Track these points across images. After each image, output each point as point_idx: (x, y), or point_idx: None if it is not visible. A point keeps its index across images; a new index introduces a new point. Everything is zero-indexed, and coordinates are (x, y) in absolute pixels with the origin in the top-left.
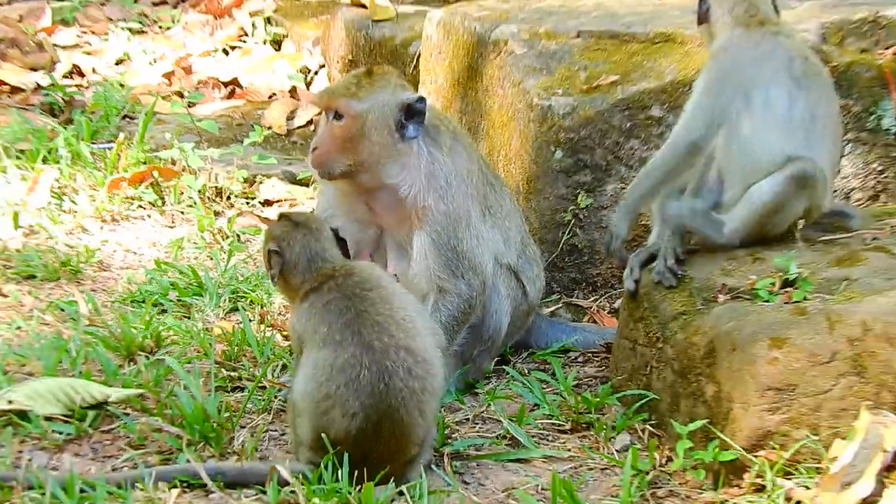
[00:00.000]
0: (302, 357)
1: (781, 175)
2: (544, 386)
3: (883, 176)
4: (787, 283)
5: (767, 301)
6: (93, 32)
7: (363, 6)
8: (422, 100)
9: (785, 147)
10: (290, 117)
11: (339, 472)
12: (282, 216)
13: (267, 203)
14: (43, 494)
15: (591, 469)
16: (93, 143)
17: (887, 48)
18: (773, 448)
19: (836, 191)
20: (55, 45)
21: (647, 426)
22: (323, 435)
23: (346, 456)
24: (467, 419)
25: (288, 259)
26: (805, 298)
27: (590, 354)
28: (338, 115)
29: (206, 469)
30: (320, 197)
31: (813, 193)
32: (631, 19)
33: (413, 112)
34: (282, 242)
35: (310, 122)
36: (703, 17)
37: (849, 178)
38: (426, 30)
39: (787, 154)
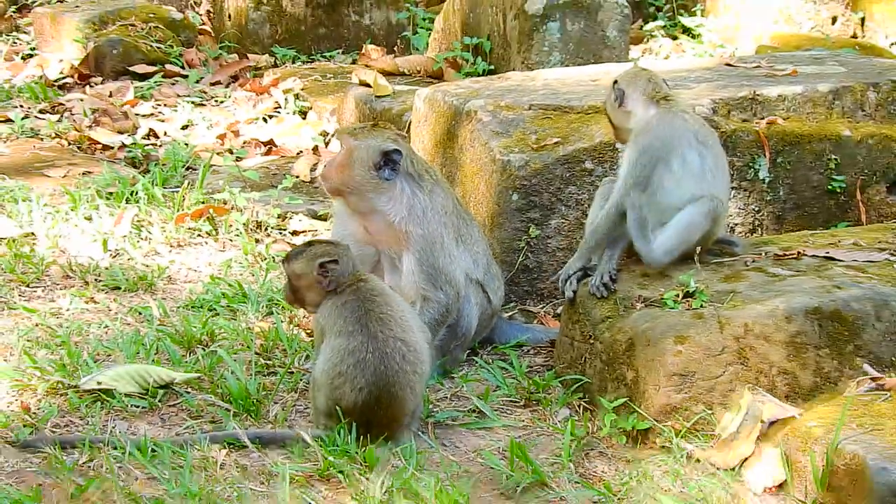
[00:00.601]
0: (322, 345)
1: (700, 208)
2: (504, 372)
3: (759, 214)
4: (688, 295)
5: (673, 308)
6: (165, 105)
7: (368, 86)
8: (397, 152)
9: (695, 190)
10: (313, 169)
11: (349, 436)
12: (310, 242)
13: (295, 233)
14: (122, 453)
15: (539, 435)
16: (164, 188)
17: (762, 118)
18: (678, 419)
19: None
20: (137, 114)
21: (582, 402)
22: (337, 407)
23: (353, 423)
24: (446, 397)
25: (340, 269)
26: (702, 306)
27: (539, 348)
28: (342, 146)
29: (248, 434)
30: (335, 225)
31: (717, 223)
32: (570, 96)
33: (389, 159)
34: (337, 257)
35: None
36: (621, 100)
37: (733, 215)
38: (416, 103)
39: (696, 195)
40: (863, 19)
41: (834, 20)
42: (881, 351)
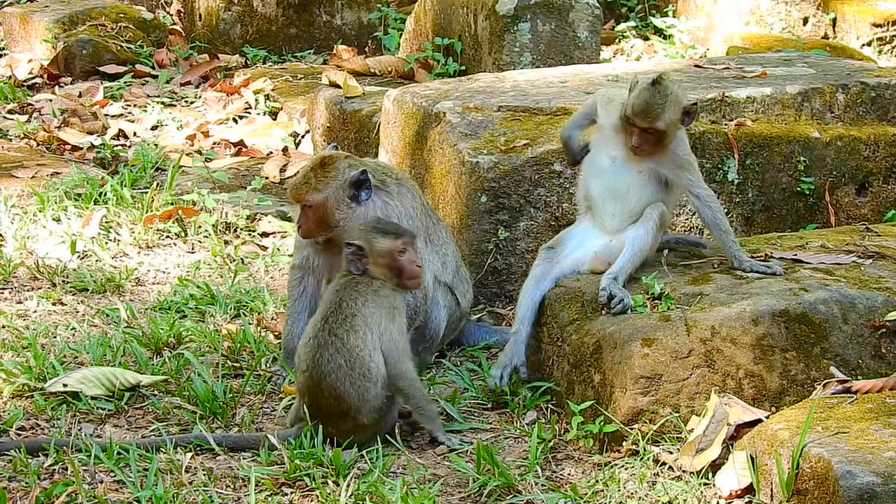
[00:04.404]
0: None
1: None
2: (472, 375)
3: (728, 216)
4: (655, 297)
5: (641, 310)
6: (135, 105)
7: (338, 87)
8: (364, 172)
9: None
10: (283, 170)
11: (315, 440)
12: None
13: (265, 234)
14: (88, 456)
15: (507, 438)
16: (133, 189)
17: (731, 120)
18: (645, 422)
19: (693, 227)
20: (106, 115)
21: (550, 405)
22: (304, 408)
23: (316, 424)
24: None
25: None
26: (669, 308)
27: None
28: (305, 206)
29: (214, 437)
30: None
31: None
32: (539, 97)
33: (361, 183)
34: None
35: (297, 173)
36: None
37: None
38: (385, 104)
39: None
40: (834, 20)
41: (805, 21)
42: (848, 353)
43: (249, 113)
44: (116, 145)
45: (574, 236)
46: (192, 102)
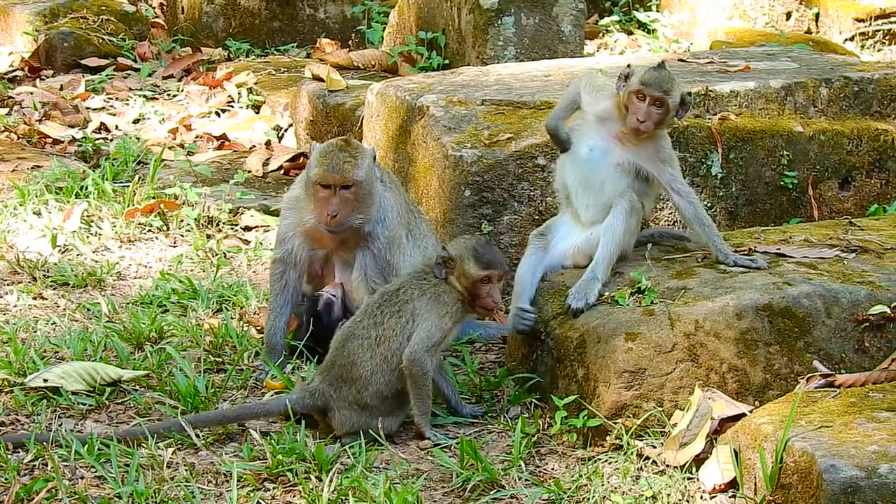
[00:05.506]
0: None
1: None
2: (456, 369)
3: (712, 210)
4: (638, 291)
5: (624, 305)
6: (117, 99)
7: (321, 80)
8: (374, 150)
9: None
10: (266, 164)
11: (298, 434)
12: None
13: (247, 228)
14: (69, 451)
15: (490, 433)
16: (115, 183)
17: (715, 114)
18: (629, 417)
19: (676, 221)
20: (88, 108)
21: (533, 400)
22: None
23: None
24: None
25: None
26: (652, 303)
27: (490, 345)
28: (346, 186)
29: (188, 420)
30: (284, 222)
31: None
32: (523, 91)
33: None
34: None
35: (280, 168)
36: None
37: None
38: (368, 98)
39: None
40: (817, 15)
41: (788, 16)
42: (831, 347)
43: (232, 106)
44: (98, 139)
45: (560, 226)
46: (174, 96)
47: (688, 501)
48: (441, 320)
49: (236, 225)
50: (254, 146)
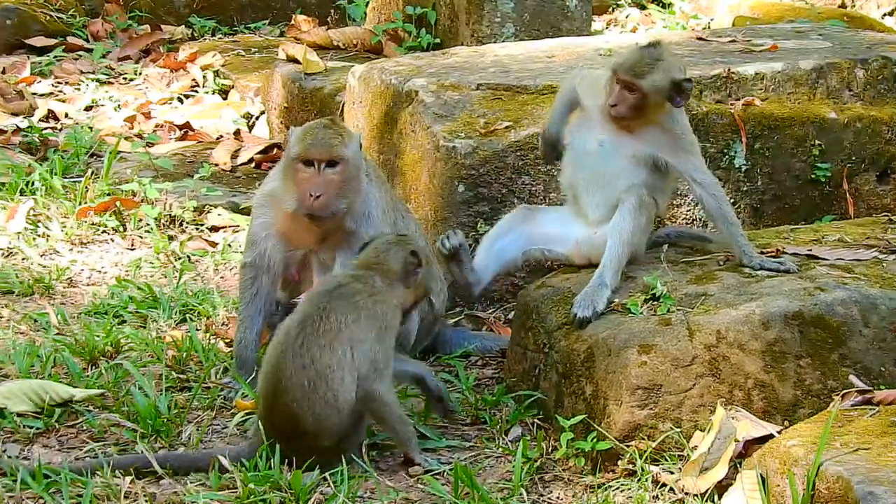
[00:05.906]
0: None
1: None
2: (449, 386)
3: (734, 206)
4: (653, 298)
5: (637, 313)
6: (66, 83)
7: (297, 62)
8: (360, 136)
9: None
10: (234, 156)
11: (272, 460)
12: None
13: (214, 229)
14: (14, 481)
15: (488, 457)
16: (65, 178)
17: (738, 99)
18: (643, 439)
19: (696, 219)
20: (34, 93)
21: (536, 420)
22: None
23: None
24: None
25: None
26: (669, 311)
27: (487, 359)
28: (332, 163)
29: (157, 458)
30: (256, 221)
31: None
32: (522, 74)
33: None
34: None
35: (251, 161)
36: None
37: None
38: (349, 82)
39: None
40: None
41: None
42: (869, 360)
43: (196, 91)
44: (45, 128)
45: (558, 211)
46: (131, 80)
47: None
48: (381, 340)
49: (202, 225)
50: (221, 136)
